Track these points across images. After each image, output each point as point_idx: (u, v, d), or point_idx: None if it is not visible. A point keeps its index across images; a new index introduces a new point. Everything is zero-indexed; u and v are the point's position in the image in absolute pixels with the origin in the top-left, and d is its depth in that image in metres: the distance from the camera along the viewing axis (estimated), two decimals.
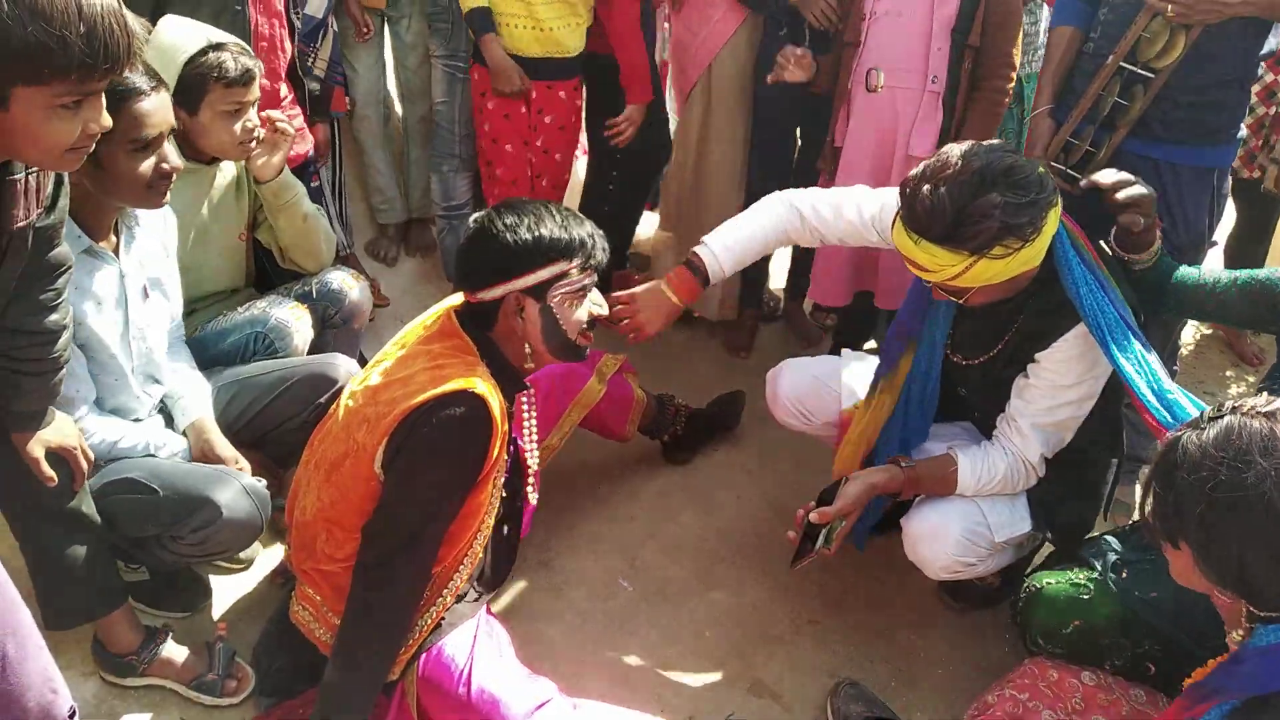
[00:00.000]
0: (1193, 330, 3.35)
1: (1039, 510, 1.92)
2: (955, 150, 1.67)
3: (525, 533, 2.05)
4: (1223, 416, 1.18)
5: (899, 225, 1.70)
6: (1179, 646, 1.65)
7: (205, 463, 1.86)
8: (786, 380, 2.21)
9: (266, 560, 2.18)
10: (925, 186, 1.64)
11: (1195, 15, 1.98)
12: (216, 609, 2.07)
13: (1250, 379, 3.19)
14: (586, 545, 2.33)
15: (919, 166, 1.70)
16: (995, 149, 1.66)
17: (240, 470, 1.85)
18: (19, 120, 1.16)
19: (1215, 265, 2.48)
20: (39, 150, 1.22)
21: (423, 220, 3.42)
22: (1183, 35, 2.01)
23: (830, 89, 2.59)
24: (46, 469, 1.57)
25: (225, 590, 2.11)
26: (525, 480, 1.84)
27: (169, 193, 1.74)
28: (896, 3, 2.39)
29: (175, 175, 1.72)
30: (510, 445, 1.75)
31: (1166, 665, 1.68)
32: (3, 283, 1.41)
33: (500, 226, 1.60)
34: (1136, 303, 1.78)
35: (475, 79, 2.85)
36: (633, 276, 3.34)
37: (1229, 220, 3.04)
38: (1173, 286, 1.83)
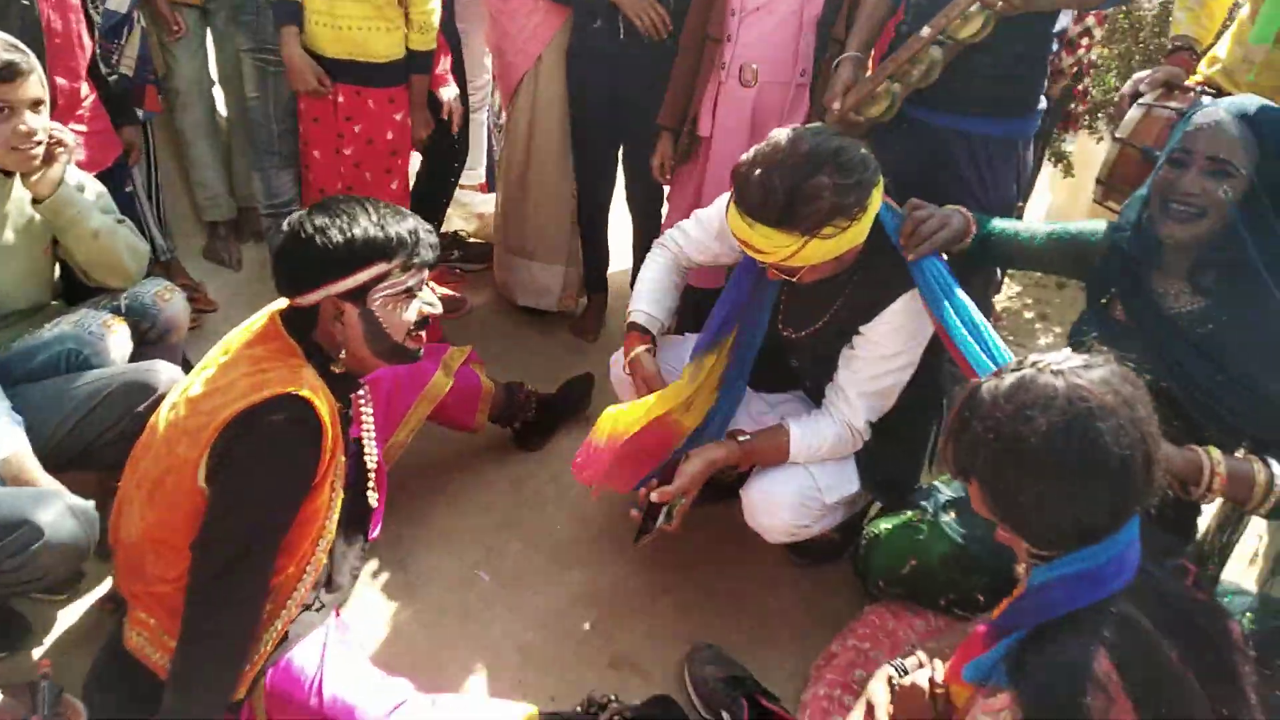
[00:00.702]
0: (1006, 289, 3.61)
1: (866, 470, 2.03)
2: (783, 135, 1.73)
3: (374, 534, 2.02)
4: (1022, 370, 1.26)
5: (734, 210, 1.74)
6: (1003, 577, 1.79)
7: None
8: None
9: (95, 587, 2.06)
10: (757, 171, 1.69)
11: (1021, 9, 2.07)
12: (41, 646, 1.95)
13: (1057, 330, 3.46)
14: (440, 540, 2.32)
15: (749, 152, 1.75)
16: (821, 131, 1.74)
17: None
18: None
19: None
20: None
21: (253, 208, 3.26)
22: (994, 20, 2.15)
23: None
24: None
25: (50, 624, 1.98)
26: (366, 482, 1.81)
27: None
28: (768, 1, 2.44)
29: None
30: (351, 446, 1.72)
31: (992, 597, 1.81)
32: None
33: (310, 229, 1.54)
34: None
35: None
36: (454, 271, 3.35)
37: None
38: (991, 241, 1.95)
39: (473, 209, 3.59)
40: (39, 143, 1.87)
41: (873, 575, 1.97)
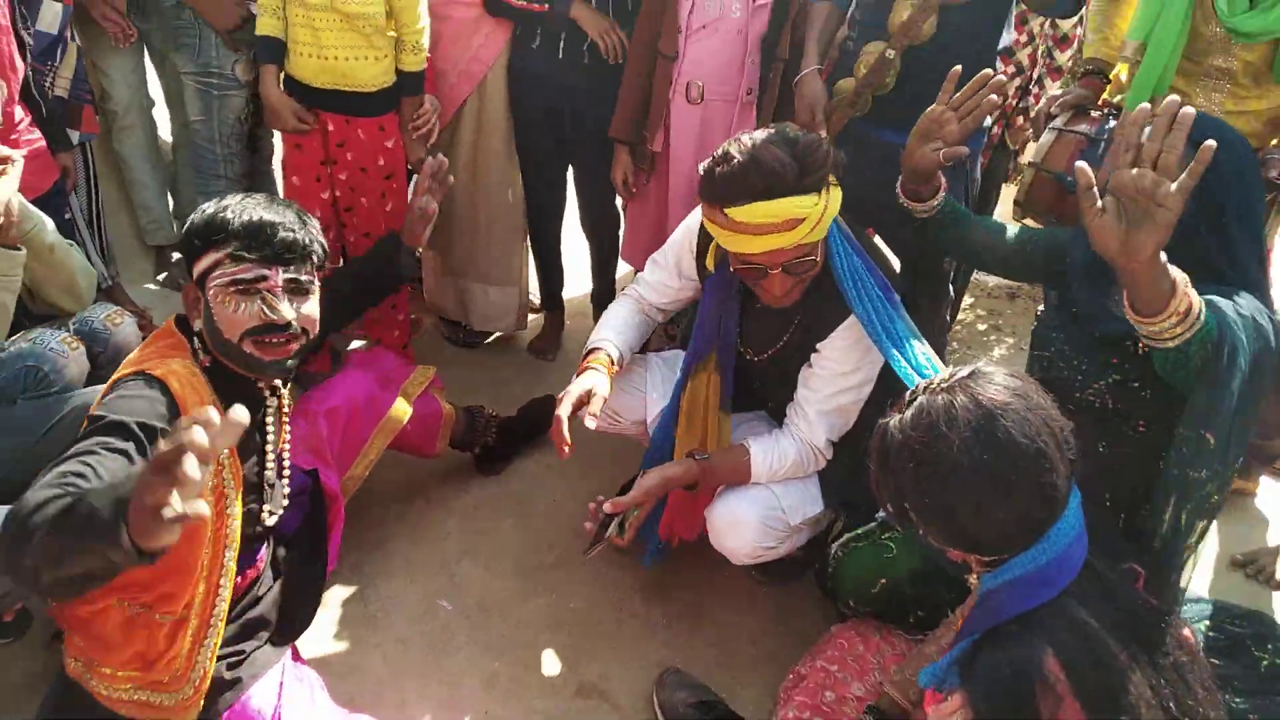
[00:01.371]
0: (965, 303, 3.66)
1: (830, 490, 2.03)
2: (741, 133, 1.75)
3: (332, 566, 1.97)
4: (916, 399, 1.30)
5: (738, 210, 1.68)
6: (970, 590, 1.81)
7: None
8: None
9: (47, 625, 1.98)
10: (744, 159, 1.67)
11: None
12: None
13: (1010, 340, 3.52)
14: (401, 569, 2.27)
15: (712, 159, 1.73)
16: (768, 127, 1.77)
17: None
18: None
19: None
20: None
21: None
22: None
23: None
24: None
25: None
26: (263, 499, 1.70)
27: None
28: (713, 20, 2.46)
29: None
30: (258, 458, 1.67)
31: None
32: None
33: (197, 212, 1.57)
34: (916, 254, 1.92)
35: None
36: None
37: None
38: (953, 234, 1.95)
39: None
40: None
41: (843, 595, 1.96)
